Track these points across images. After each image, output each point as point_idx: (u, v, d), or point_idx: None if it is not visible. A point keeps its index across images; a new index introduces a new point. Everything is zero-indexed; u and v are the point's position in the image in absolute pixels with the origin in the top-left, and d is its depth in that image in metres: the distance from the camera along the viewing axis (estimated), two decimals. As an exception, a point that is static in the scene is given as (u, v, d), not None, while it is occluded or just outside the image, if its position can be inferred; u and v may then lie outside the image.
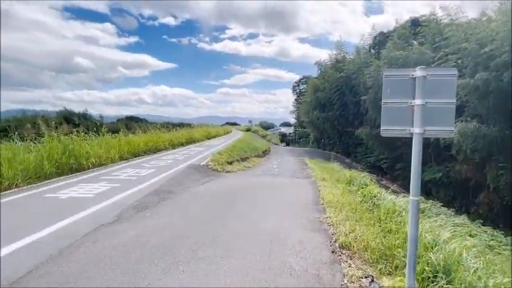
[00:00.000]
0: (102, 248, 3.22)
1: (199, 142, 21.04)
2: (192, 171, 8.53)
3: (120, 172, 7.96)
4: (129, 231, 3.71)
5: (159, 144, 14.10)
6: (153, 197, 5.47)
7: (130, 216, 4.34)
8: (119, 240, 3.43)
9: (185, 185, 6.80)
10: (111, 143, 10.26)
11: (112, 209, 4.61)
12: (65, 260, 2.92)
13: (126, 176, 7.41)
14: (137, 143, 11.92)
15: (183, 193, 6.02)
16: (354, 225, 4.06)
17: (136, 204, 4.94)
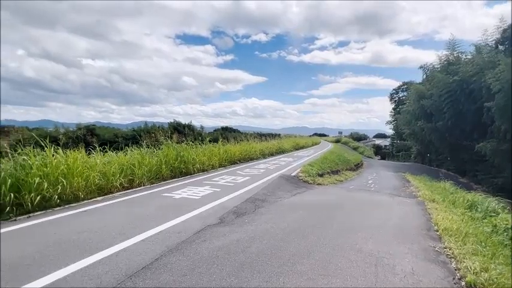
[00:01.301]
0: (210, 247, 3.54)
1: (288, 152, 21.29)
2: (283, 182, 8.64)
3: (220, 178, 8.73)
4: (231, 235, 3.97)
5: (252, 153, 14.92)
6: (249, 204, 5.76)
7: (231, 220, 4.66)
8: (223, 242, 3.70)
9: (278, 194, 6.91)
10: (213, 151, 11.42)
11: (215, 212, 5.05)
12: (180, 253, 3.33)
13: (225, 182, 8.06)
14: (233, 151, 12.92)
15: (277, 202, 6.12)
16: (486, 263, 3.28)
17: (235, 209, 5.29)
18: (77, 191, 5.53)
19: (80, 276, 2.74)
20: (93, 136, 20.64)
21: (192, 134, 20.25)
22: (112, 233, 3.89)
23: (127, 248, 3.42)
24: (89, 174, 5.84)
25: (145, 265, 3.00)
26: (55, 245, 3.47)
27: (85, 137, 11.58)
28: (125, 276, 2.76)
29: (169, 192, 6.55)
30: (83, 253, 3.23)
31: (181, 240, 3.71)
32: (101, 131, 29.48)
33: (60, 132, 23.26)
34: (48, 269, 2.86)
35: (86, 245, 3.47)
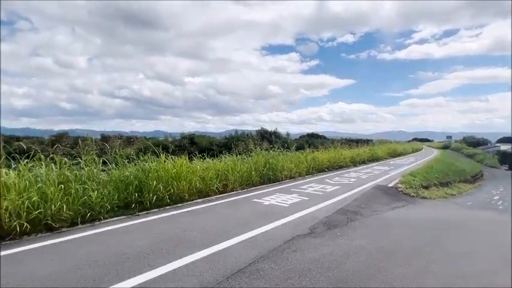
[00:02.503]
0: (301, 258, 3.44)
1: (383, 160, 19.30)
2: (378, 193, 7.82)
3: (307, 186, 8.55)
4: (323, 248, 3.77)
5: (341, 161, 14.15)
6: (340, 215, 5.40)
7: (322, 232, 4.45)
8: (315, 255, 3.54)
9: (373, 207, 6.27)
10: (299, 158, 11.34)
11: (305, 221, 4.93)
12: (272, 261, 3.34)
13: (313, 191, 7.84)
14: (321, 159, 12.52)
15: (372, 216, 5.56)
16: None
17: (326, 220, 5.04)
18: (183, 193, 6.30)
19: (186, 271, 3.06)
20: (192, 144, 23.46)
21: (278, 141, 20.67)
22: (211, 234, 4.24)
23: (224, 249, 3.65)
24: (192, 178, 6.59)
25: (240, 268, 3.13)
26: (166, 240, 4.00)
27: (187, 145, 13.22)
28: (223, 277, 2.93)
29: (259, 198, 6.78)
30: (187, 250, 3.61)
31: (272, 247, 3.73)
32: (199, 139, 33.10)
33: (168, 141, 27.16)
34: (161, 261, 3.30)
35: (190, 243, 3.87)
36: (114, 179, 5.55)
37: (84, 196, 4.81)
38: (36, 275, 2.93)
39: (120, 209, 5.36)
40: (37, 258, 3.41)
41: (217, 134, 48.02)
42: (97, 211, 4.89)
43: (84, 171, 5.26)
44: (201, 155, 8.20)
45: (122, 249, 3.61)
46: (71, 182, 4.82)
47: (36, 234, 4.18)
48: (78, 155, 5.62)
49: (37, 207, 4.23)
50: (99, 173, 5.47)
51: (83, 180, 5.08)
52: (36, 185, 4.44)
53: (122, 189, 5.54)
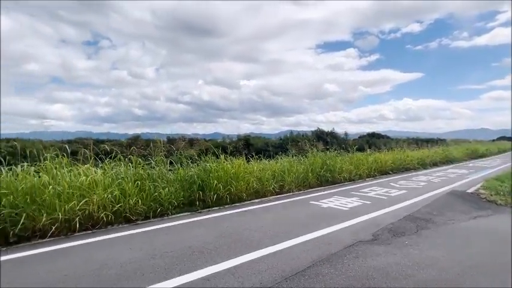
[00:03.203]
0: (363, 265, 3.24)
1: (459, 162, 17.02)
2: (455, 199, 6.91)
3: (369, 189, 8.03)
4: (389, 257, 3.49)
5: (407, 163, 12.93)
6: (408, 222, 4.93)
7: (386, 239, 4.12)
8: (379, 263, 3.30)
9: (448, 215, 5.57)
10: (360, 159, 10.72)
11: (367, 227, 4.64)
12: (332, 266, 3.22)
13: (375, 194, 7.33)
14: (384, 160, 11.64)
15: (447, 225, 4.93)
16: None
17: (391, 227, 4.65)
18: (241, 193, 6.52)
19: (246, 268, 3.15)
20: (248, 145, 24.08)
21: (335, 142, 19.86)
22: (268, 234, 4.29)
23: (282, 250, 3.66)
24: (249, 179, 6.78)
25: (298, 271, 3.09)
26: (227, 237, 4.18)
27: (243, 146, 13.63)
28: (281, 278, 2.94)
29: (317, 201, 6.61)
30: (247, 248, 3.72)
31: (331, 252, 3.60)
32: (254, 140, 33.82)
33: (226, 143, 28.37)
34: (223, 257, 3.46)
35: (249, 241, 3.98)
36: (180, 178, 6.03)
37: (155, 193, 5.35)
38: (118, 260, 3.35)
39: (185, 205, 5.80)
40: (118, 246, 3.90)
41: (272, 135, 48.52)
42: (166, 207, 5.38)
43: (155, 171, 5.83)
44: (257, 156, 8.37)
45: (188, 243, 3.89)
46: (144, 179, 5.39)
47: (117, 224, 4.79)
48: (150, 156, 6.27)
49: (118, 201, 4.85)
50: (167, 172, 6.01)
51: (154, 178, 5.64)
52: (117, 181, 5.09)
53: (187, 187, 5.99)
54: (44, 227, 4.11)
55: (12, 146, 28.99)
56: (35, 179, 4.39)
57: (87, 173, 4.79)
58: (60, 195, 4.33)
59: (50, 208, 4.19)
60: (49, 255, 3.60)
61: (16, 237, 3.93)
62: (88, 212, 4.49)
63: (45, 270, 3.14)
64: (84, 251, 3.72)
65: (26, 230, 4.01)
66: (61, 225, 4.23)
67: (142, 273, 3.02)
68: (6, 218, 3.90)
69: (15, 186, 4.12)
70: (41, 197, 4.20)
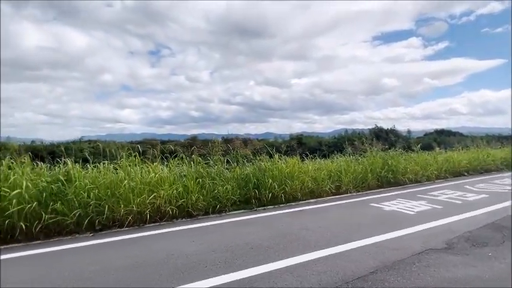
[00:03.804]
0: (436, 275, 2.92)
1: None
2: (554, 207, 5.78)
3: (439, 192, 7.21)
4: (467, 268, 3.08)
5: (487, 163, 11.26)
6: (492, 232, 4.29)
7: (464, 249, 3.65)
8: (455, 275, 2.94)
9: (545, 225, 4.68)
10: (426, 159, 9.71)
11: (439, 234, 4.17)
12: (399, 274, 2.97)
13: (447, 198, 6.55)
14: (457, 160, 10.33)
15: (545, 237, 4.15)
16: None
17: (469, 235, 4.10)
18: (296, 192, 6.46)
19: (304, 268, 3.10)
20: (301, 144, 23.69)
21: (397, 140, 18.29)
22: (326, 235, 4.17)
23: (342, 252, 3.52)
24: (304, 179, 6.67)
25: (360, 275, 2.93)
26: (283, 236, 4.17)
27: (295, 145, 13.49)
28: (342, 281, 2.82)
29: (378, 203, 6.19)
30: (304, 248, 3.66)
31: (397, 258, 3.33)
32: (307, 139, 33.16)
33: (278, 142, 28.44)
34: (280, 255, 3.46)
35: (305, 241, 3.92)
36: (236, 177, 6.24)
37: (214, 190, 5.63)
38: (183, 252, 3.61)
39: (241, 203, 5.98)
40: (182, 238, 4.21)
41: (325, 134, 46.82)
42: (224, 204, 5.62)
43: (214, 169, 6.14)
44: (312, 155, 8.19)
45: (245, 240, 4.00)
46: (204, 177, 5.72)
47: (181, 218, 5.17)
48: (208, 155, 6.63)
49: (181, 197, 5.23)
50: (224, 170, 6.27)
51: (213, 176, 5.93)
52: (180, 179, 5.50)
53: (243, 185, 6.16)
54: (121, 218, 4.65)
55: (93, 147, 33.51)
56: (113, 175, 5.01)
57: (155, 171, 5.27)
58: (134, 190, 4.85)
59: (126, 201, 4.72)
60: (126, 242, 4.07)
61: (100, 226, 4.54)
62: (156, 206, 4.94)
63: (124, 256, 3.55)
64: (154, 241, 4.10)
65: (107, 219, 4.59)
66: (134, 217, 4.74)
67: (205, 265, 3.20)
68: (92, 209, 4.52)
69: (99, 181, 4.75)
70: (118, 190, 4.76)
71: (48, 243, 4.04)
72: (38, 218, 4.14)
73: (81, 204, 4.47)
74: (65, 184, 4.52)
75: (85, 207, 4.47)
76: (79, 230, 4.40)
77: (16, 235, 4.00)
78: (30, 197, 4.15)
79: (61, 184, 4.51)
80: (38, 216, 4.15)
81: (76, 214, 4.34)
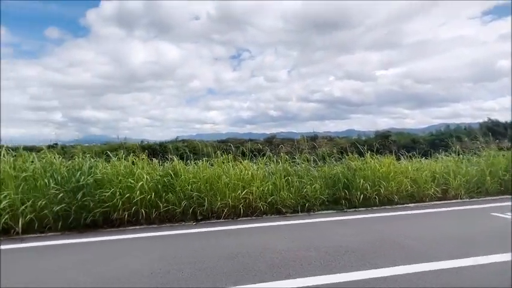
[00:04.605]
0: None
1: None
2: None
3: None
4: None
5: None
6: None
7: None
8: None
9: None
10: None
11: None
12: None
13: None
14: None
15: None
16: None
17: None
18: (391, 195, 5.87)
19: (408, 281, 2.77)
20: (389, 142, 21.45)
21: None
22: (433, 245, 3.64)
23: (457, 268, 3.00)
24: (401, 180, 5.99)
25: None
26: (380, 241, 3.83)
27: (388, 143, 12.30)
28: (464, 302, 2.40)
29: (502, 212, 5.07)
30: (407, 257, 3.27)
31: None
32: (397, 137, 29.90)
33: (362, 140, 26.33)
34: (381, 262, 3.18)
35: (408, 250, 3.50)
36: (324, 176, 6.05)
37: (302, 188, 5.60)
38: (276, 247, 3.69)
39: (329, 203, 5.77)
40: (274, 234, 4.32)
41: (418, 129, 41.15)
42: (312, 203, 5.53)
43: (300, 167, 6.11)
44: (408, 153, 7.28)
45: (338, 242, 3.83)
46: (292, 175, 5.75)
47: (271, 215, 5.33)
48: (293, 153, 6.63)
49: (271, 194, 5.38)
50: (312, 169, 6.17)
51: (300, 174, 5.91)
52: (269, 176, 5.67)
53: (331, 185, 5.94)
54: (218, 210, 5.08)
55: (186, 145, 37.12)
56: (210, 171, 5.51)
57: (247, 168, 5.57)
58: (228, 185, 5.23)
59: (222, 195, 5.13)
60: (224, 233, 4.42)
61: (201, 216, 5.06)
62: (248, 201, 5.21)
63: (224, 245, 3.86)
64: (248, 234, 4.34)
65: (206, 211, 5.08)
66: (229, 210, 5.11)
67: (301, 263, 3.19)
68: (195, 200, 5.07)
69: (200, 176, 5.30)
70: (216, 185, 5.22)
71: (162, 227, 4.73)
72: (155, 206, 4.90)
73: (185, 195, 5.08)
74: (173, 178, 5.21)
75: (189, 198, 5.06)
76: (184, 219, 5.02)
77: (140, 219, 4.82)
78: (149, 188, 4.93)
79: (170, 178, 5.21)
80: (154, 205, 4.91)
81: (182, 204, 4.95)
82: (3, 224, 4.26)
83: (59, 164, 5.11)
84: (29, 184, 4.67)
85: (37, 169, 4.86)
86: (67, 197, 4.62)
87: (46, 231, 4.48)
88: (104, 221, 4.74)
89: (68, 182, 4.77)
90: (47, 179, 4.71)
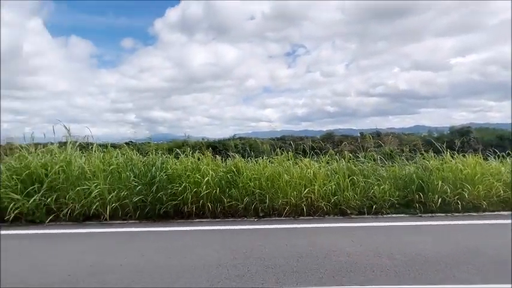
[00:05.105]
0: None
1: None
2: None
3: None
4: None
5: None
6: None
7: None
8: None
9: None
10: None
11: None
12: None
13: None
14: None
15: None
16: None
17: None
18: (477, 200, 5.08)
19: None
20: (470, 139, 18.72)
21: None
22: (544, 264, 3.01)
23: None
24: (491, 183, 5.15)
25: None
26: (468, 253, 3.33)
27: (473, 140, 10.76)
28: None
29: None
30: (505, 275, 2.77)
31: None
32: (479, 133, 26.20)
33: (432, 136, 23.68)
34: (470, 278, 2.76)
35: (506, 266, 2.96)
36: (393, 176, 5.55)
37: (368, 189, 5.22)
38: (344, 250, 3.49)
39: (400, 206, 5.27)
40: (339, 235, 4.10)
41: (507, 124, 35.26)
42: (379, 205, 5.12)
43: (366, 166, 5.70)
44: (500, 153, 6.20)
45: (415, 250, 3.45)
46: (357, 175, 5.40)
47: (333, 215, 5.09)
48: (356, 151, 6.23)
49: (334, 194, 5.14)
50: (379, 168, 5.71)
51: (366, 174, 5.52)
52: (332, 176, 5.42)
53: (401, 186, 5.42)
54: (279, 208, 5.06)
55: (243, 143, 38.11)
56: (270, 168, 5.51)
57: (308, 166, 5.43)
58: (289, 183, 5.16)
59: (283, 193, 5.09)
60: (286, 231, 4.37)
61: (263, 213, 5.10)
62: (310, 200, 5.07)
63: (287, 243, 3.80)
64: (311, 234, 4.21)
65: (268, 208, 5.10)
66: (290, 208, 5.05)
67: (373, 270, 2.96)
68: (256, 197, 5.14)
69: (261, 173, 5.34)
70: (277, 183, 5.20)
71: (226, 222, 4.90)
72: (219, 200, 5.11)
73: (247, 192, 5.17)
74: (236, 174, 5.36)
75: (251, 195, 5.14)
76: (247, 214, 5.12)
77: (206, 213, 5.08)
78: (214, 184, 5.16)
79: (233, 174, 5.37)
80: (219, 200, 5.12)
81: (245, 200, 5.06)
82: (94, 210, 4.93)
83: (137, 159, 5.70)
84: (114, 176, 5.31)
85: (120, 163, 5.50)
86: (144, 190, 5.12)
87: (127, 219, 5.04)
88: (174, 213, 5.12)
89: (144, 176, 5.29)
90: (128, 172, 5.30)
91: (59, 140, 6.06)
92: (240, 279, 2.85)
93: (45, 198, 4.87)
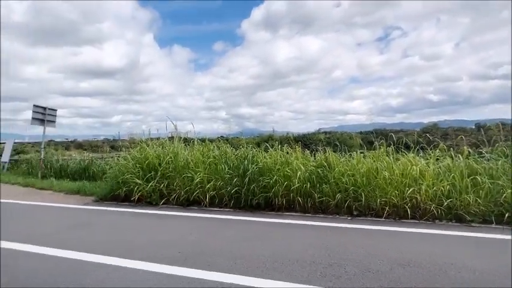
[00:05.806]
0: None
1: None
2: None
3: None
4: None
5: None
6: None
7: None
8: None
9: None
10: None
11: None
12: None
13: None
14: None
15: None
16: None
17: None
18: None
19: None
20: None
21: None
22: None
23: None
24: None
25: None
26: None
27: None
28: None
29: None
30: None
31: None
32: None
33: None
34: None
35: None
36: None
37: (497, 193, 4.20)
38: (466, 265, 2.88)
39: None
40: (455, 246, 3.41)
41: None
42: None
43: (493, 165, 4.60)
44: None
45: None
46: (480, 175, 4.42)
47: (447, 221, 4.30)
48: (479, 146, 5.10)
49: (448, 196, 4.33)
50: (511, 167, 4.52)
51: (493, 174, 4.45)
52: (445, 174, 4.58)
53: (550, 192, 4.15)
54: (377, 208, 4.58)
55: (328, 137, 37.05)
56: (367, 164, 5.03)
57: (413, 162, 4.73)
58: (389, 181, 4.61)
59: (382, 191, 4.59)
60: (386, 234, 3.91)
61: (357, 211, 4.72)
62: (415, 202, 4.41)
63: (389, 247, 3.38)
64: (419, 240, 3.65)
65: (363, 207, 4.69)
66: (390, 209, 4.51)
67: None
68: (350, 194, 4.78)
69: (355, 169, 4.94)
70: (373, 180, 4.72)
71: (316, 217, 4.73)
72: (309, 195, 4.97)
73: (340, 188, 4.87)
74: (327, 169, 5.11)
75: (344, 191, 4.82)
76: (339, 212, 4.83)
77: (296, 207, 5.03)
78: (304, 178, 5.06)
79: (324, 169, 5.14)
80: (309, 194, 4.99)
81: (337, 197, 4.78)
82: (195, 197, 5.51)
83: (231, 153, 6.09)
84: (211, 168, 5.81)
85: (216, 156, 5.98)
86: (238, 181, 5.42)
87: (223, 207, 5.44)
88: (265, 205, 5.26)
89: (237, 168, 5.60)
90: (223, 165, 5.71)
91: (167, 135, 7.04)
92: (337, 280, 2.67)
93: (159, 184, 5.71)
